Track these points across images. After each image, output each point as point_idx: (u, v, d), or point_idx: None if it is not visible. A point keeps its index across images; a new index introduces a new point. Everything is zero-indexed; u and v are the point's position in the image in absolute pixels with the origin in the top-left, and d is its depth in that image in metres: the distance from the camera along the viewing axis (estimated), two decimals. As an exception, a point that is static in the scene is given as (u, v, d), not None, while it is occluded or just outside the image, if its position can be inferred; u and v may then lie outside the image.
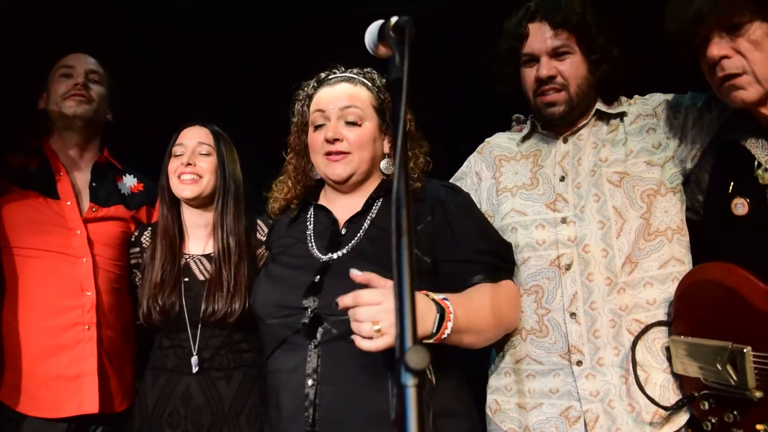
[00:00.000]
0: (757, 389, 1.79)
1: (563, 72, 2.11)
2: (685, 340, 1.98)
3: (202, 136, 2.54)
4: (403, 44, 1.24)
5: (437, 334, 1.73)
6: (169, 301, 2.39)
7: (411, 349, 0.92)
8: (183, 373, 2.39)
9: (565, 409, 2.08)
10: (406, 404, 0.91)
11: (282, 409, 1.94)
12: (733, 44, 1.80)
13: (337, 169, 2.04)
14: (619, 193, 2.10)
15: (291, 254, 2.11)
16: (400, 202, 1.05)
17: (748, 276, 1.86)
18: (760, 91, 1.81)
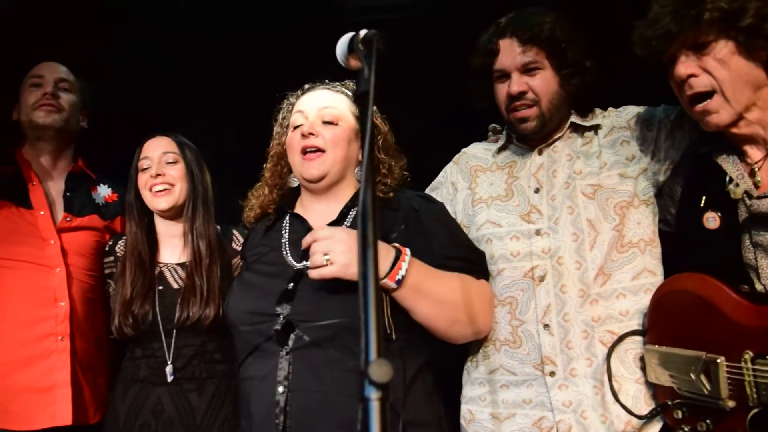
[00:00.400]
0: (729, 399, 1.81)
1: (534, 88, 2.13)
2: (659, 349, 1.99)
3: (166, 145, 2.53)
4: (371, 57, 1.24)
5: (390, 272, 1.80)
6: (142, 311, 2.38)
7: (374, 362, 0.92)
8: (155, 384, 2.37)
9: (538, 419, 2.09)
10: (369, 417, 0.91)
11: (253, 416, 1.93)
12: (700, 63, 1.83)
13: (312, 169, 2.05)
14: (592, 205, 2.11)
15: (265, 262, 2.12)
16: (366, 214, 1.05)
17: (722, 287, 1.88)
18: (731, 113, 1.83)
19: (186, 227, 2.51)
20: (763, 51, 1.78)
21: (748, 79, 1.80)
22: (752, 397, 1.75)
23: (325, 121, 2.08)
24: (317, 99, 2.13)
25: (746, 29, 1.75)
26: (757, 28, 1.75)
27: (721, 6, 1.75)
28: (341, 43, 1.46)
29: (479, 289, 2.06)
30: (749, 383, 1.75)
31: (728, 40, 1.79)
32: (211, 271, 2.45)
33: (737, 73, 1.80)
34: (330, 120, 2.08)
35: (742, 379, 1.77)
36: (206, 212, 2.53)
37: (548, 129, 2.19)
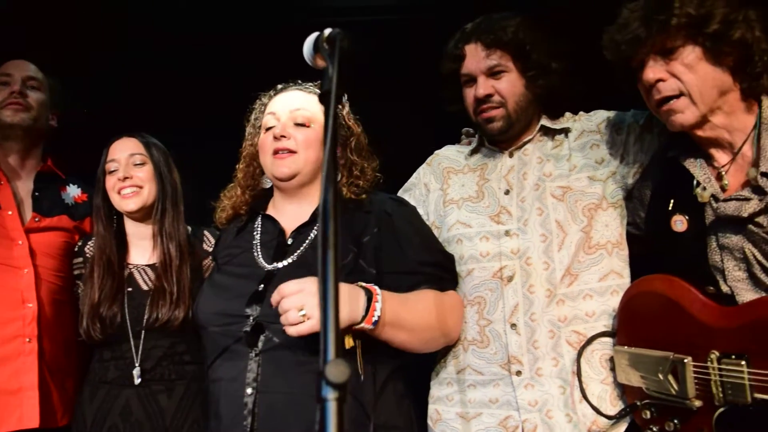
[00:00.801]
0: (696, 398, 1.84)
1: (500, 90, 2.15)
2: (628, 350, 2.01)
3: (133, 146, 2.51)
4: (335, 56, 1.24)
5: (366, 316, 1.78)
6: (110, 313, 2.36)
7: (331, 362, 0.91)
8: (123, 386, 2.35)
9: (504, 418, 2.10)
10: (326, 418, 0.90)
11: (221, 418, 1.92)
12: (667, 67, 1.85)
13: (282, 167, 2.04)
14: (561, 207, 2.13)
15: (236, 263, 2.11)
16: (327, 215, 1.05)
17: (689, 288, 1.91)
18: (696, 114, 1.85)
19: (155, 228, 2.50)
20: (729, 57, 1.81)
21: (714, 83, 1.83)
22: (718, 396, 1.78)
23: (297, 123, 2.07)
24: (289, 100, 2.13)
25: (713, 35, 1.78)
26: (723, 34, 1.78)
27: (688, 12, 1.77)
28: (307, 43, 1.46)
29: (450, 304, 2.08)
30: (715, 383, 1.78)
31: (695, 45, 1.81)
32: (181, 272, 2.43)
33: (704, 77, 1.82)
34: (302, 122, 2.07)
35: (709, 379, 1.79)
36: (175, 212, 2.52)
37: (515, 130, 2.21)
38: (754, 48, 1.79)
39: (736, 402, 1.74)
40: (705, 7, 1.78)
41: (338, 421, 0.89)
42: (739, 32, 1.77)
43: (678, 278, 1.94)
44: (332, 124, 1.11)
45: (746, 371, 1.71)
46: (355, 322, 1.79)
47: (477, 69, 2.16)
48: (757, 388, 1.69)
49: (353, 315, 1.78)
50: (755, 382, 1.69)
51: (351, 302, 1.78)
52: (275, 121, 2.09)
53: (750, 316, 1.75)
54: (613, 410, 2.06)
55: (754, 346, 1.72)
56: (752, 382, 1.70)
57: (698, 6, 1.77)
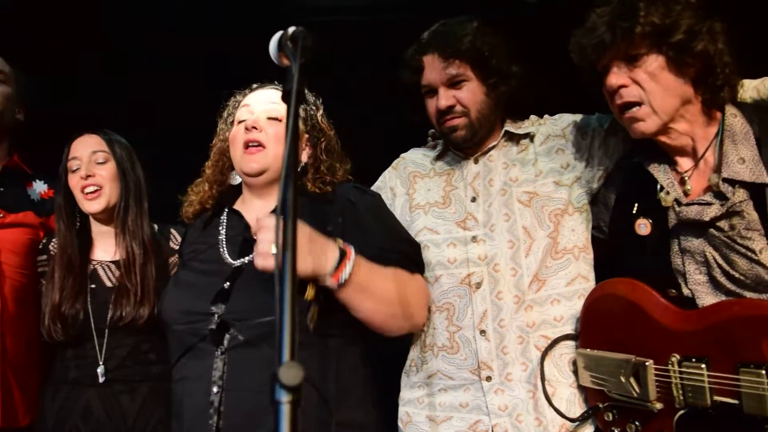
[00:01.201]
0: (657, 401, 1.86)
1: (462, 100, 2.15)
2: (591, 353, 2.02)
3: (95, 144, 2.47)
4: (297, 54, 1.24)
5: (334, 273, 1.76)
6: (73, 311, 2.32)
7: (285, 364, 0.90)
8: (85, 386, 2.31)
9: (474, 422, 2.11)
10: (279, 421, 0.89)
11: (185, 418, 1.90)
12: (631, 74, 1.87)
13: (251, 163, 2.03)
14: (528, 212, 2.14)
15: (202, 260, 2.09)
16: (287, 215, 1.04)
17: (650, 291, 1.93)
18: (657, 122, 1.88)
19: (118, 226, 2.47)
20: (691, 67, 1.83)
21: (676, 93, 1.85)
22: (678, 398, 1.80)
23: (270, 117, 2.07)
24: (265, 96, 2.13)
25: (676, 45, 1.80)
26: (686, 45, 1.80)
27: (653, 21, 1.79)
28: (273, 42, 1.46)
29: (414, 284, 2.05)
30: (676, 385, 1.80)
31: (659, 54, 1.83)
32: (145, 270, 2.41)
33: (665, 86, 1.84)
34: (275, 116, 2.07)
35: (670, 382, 1.82)
36: (139, 210, 2.49)
37: (479, 137, 2.21)
38: (716, 60, 1.81)
39: (696, 404, 1.76)
40: (671, 16, 1.79)
41: (292, 424, 0.88)
42: (702, 44, 1.79)
43: (640, 282, 1.96)
44: (292, 123, 1.11)
45: (706, 374, 1.73)
46: (322, 275, 1.77)
47: (437, 80, 2.15)
48: (717, 390, 1.72)
49: (321, 268, 1.76)
50: (715, 384, 1.72)
51: (322, 255, 1.76)
52: (248, 113, 2.09)
53: (710, 320, 1.77)
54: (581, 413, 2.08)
55: (713, 349, 1.74)
56: (712, 384, 1.72)
57: (664, 15, 1.79)
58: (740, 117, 1.88)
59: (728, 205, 1.80)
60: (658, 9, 1.79)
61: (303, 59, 1.27)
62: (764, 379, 1.62)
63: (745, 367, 1.66)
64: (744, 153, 1.82)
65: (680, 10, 1.80)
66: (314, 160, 2.13)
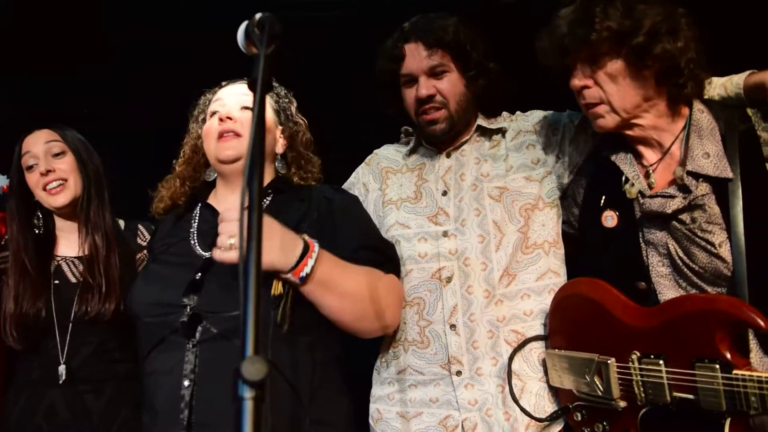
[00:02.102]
0: (621, 399, 1.86)
1: (442, 90, 2.15)
2: (559, 353, 2.03)
3: (47, 136, 2.41)
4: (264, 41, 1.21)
5: (295, 269, 1.75)
6: (34, 309, 2.25)
7: (247, 359, 0.87)
8: (48, 386, 2.25)
9: (444, 418, 2.10)
10: (242, 418, 0.86)
11: (157, 412, 1.85)
12: (593, 75, 1.89)
13: (227, 150, 2.00)
14: (498, 207, 2.14)
15: (173, 253, 2.05)
16: (252, 206, 1.01)
17: (611, 290, 1.94)
18: (616, 119, 1.91)
19: (81, 219, 2.41)
20: (652, 68, 1.84)
21: (636, 93, 1.87)
22: (640, 396, 1.80)
23: (243, 107, 2.05)
24: (235, 89, 2.12)
25: (634, 48, 1.80)
26: (645, 48, 1.80)
27: (609, 26, 1.79)
28: (240, 30, 1.43)
29: (388, 284, 2.03)
30: (637, 383, 1.81)
31: (618, 56, 1.84)
32: (109, 262, 2.35)
33: (625, 87, 1.86)
34: (247, 106, 2.05)
35: (631, 380, 1.82)
36: (100, 201, 2.43)
37: (456, 130, 2.21)
38: (678, 59, 1.81)
39: (657, 402, 1.77)
40: (632, 18, 1.79)
41: (255, 421, 0.85)
42: (661, 46, 1.79)
43: (601, 280, 1.97)
44: (258, 110, 1.08)
45: (664, 371, 1.74)
46: (283, 271, 1.75)
47: (418, 69, 2.15)
48: (676, 387, 1.72)
49: (282, 263, 1.74)
50: (673, 381, 1.73)
51: (286, 249, 1.75)
52: (221, 107, 2.07)
53: (666, 316, 1.78)
54: (551, 407, 2.09)
55: (670, 345, 1.75)
56: (670, 381, 1.73)
57: (621, 19, 1.79)
58: (707, 113, 1.90)
59: (691, 198, 1.83)
60: (616, 12, 1.79)
61: (270, 46, 1.24)
62: (718, 373, 1.63)
63: (700, 362, 1.67)
64: (709, 148, 1.85)
65: (644, 9, 1.79)
66: (295, 152, 2.13)
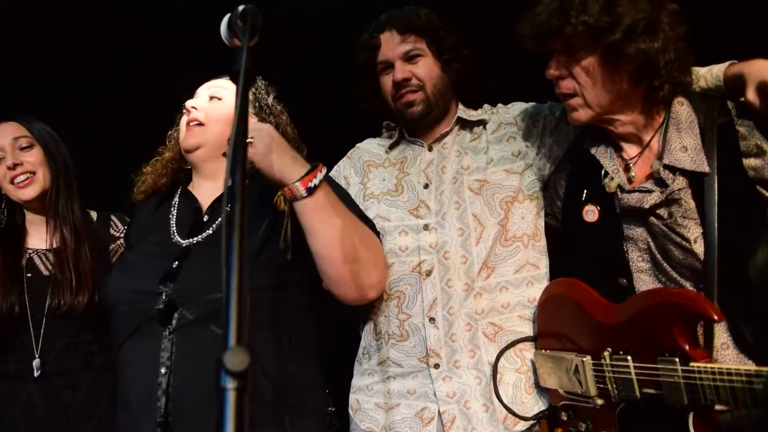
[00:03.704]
0: (598, 397, 1.88)
1: (417, 74, 2.19)
2: (545, 353, 2.04)
3: (15, 130, 2.39)
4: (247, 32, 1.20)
5: (306, 177, 1.74)
6: (6, 304, 2.23)
7: (230, 350, 0.87)
8: (24, 380, 2.23)
9: (420, 410, 2.11)
10: (224, 409, 0.86)
11: (132, 401, 1.83)
12: (568, 65, 1.87)
13: (189, 138, 2.02)
14: (478, 200, 2.15)
15: (150, 241, 2.04)
16: (235, 196, 1.00)
17: (587, 289, 1.96)
18: (590, 113, 1.90)
19: (50, 212, 2.39)
20: (628, 66, 1.80)
21: (610, 88, 1.85)
22: (614, 393, 1.81)
23: (211, 97, 2.06)
24: (211, 83, 2.12)
25: (609, 46, 1.77)
26: (620, 47, 1.76)
27: (584, 20, 1.75)
28: (223, 22, 1.42)
29: (375, 238, 2.03)
30: (610, 379, 1.82)
31: (593, 52, 1.81)
32: (79, 255, 2.34)
33: (599, 82, 1.84)
34: (216, 95, 2.06)
35: (605, 377, 1.83)
36: (69, 193, 2.42)
37: (435, 114, 2.23)
38: (655, 60, 1.77)
39: (629, 398, 1.77)
40: (610, 15, 1.74)
41: (237, 412, 0.85)
42: (635, 46, 1.75)
43: (578, 281, 1.98)
44: (240, 101, 1.07)
45: (632, 366, 1.75)
46: (290, 179, 1.74)
47: (393, 55, 2.20)
48: (644, 382, 1.73)
49: (293, 170, 1.74)
50: (642, 376, 1.73)
51: (297, 160, 1.76)
52: (193, 99, 2.09)
53: (632, 311, 1.79)
54: (528, 398, 2.10)
55: (637, 340, 1.76)
56: (639, 376, 1.74)
57: (599, 14, 1.74)
58: (687, 105, 1.88)
59: (667, 192, 1.82)
60: (595, 6, 1.75)
61: (253, 38, 1.24)
62: (678, 366, 1.64)
63: (662, 356, 1.68)
64: (687, 141, 1.83)
65: (626, 6, 1.74)
66: None
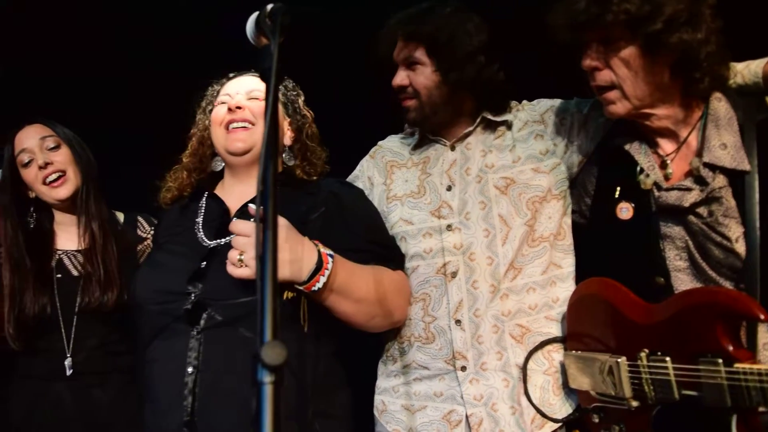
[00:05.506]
0: (633, 399, 1.84)
1: (413, 82, 2.18)
2: (576, 354, 2.01)
3: (41, 131, 2.42)
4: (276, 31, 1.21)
5: (308, 283, 1.76)
6: (37, 306, 2.25)
7: (267, 344, 0.87)
8: (53, 380, 2.25)
9: (448, 412, 2.10)
10: (261, 402, 0.86)
11: (159, 399, 1.85)
12: (605, 57, 1.83)
13: (237, 142, 2.00)
14: (504, 200, 2.12)
15: (178, 242, 2.06)
16: (267, 193, 1.00)
17: (621, 288, 1.92)
18: (627, 106, 1.86)
19: (81, 211, 2.42)
20: (668, 57, 1.77)
21: (649, 80, 1.81)
22: (650, 395, 1.78)
23: (251, 97, 2.05)
24: (244, 83, 2.11)
25: (650, 36, 1.74)
26: (661, 37, 1.73)
27: (627, 8, 1.72)
28: (250, 21, 1.43)
29: (396, 283, 2.05)
30: (646, 381, 1.78)
31: (633, 41, 1.78)
32: (106, 252, 2.37)
33: (638, 73, 1.80)
34: (255, 96, 2.06)
35: (641, 378, 1.79)
36: (96, 191, 2.45)
37: (433, 122, 2.21)
38: (696, 52, 1.74)
39: (666, 400, 1.74)
40: (651, 3, 1.71)
41: (274, 405, 0.85)
42: (678, 36, 1.72)
43: (610, 280, 1.95)
44: (272, 98, 1.07)
45: (671, 367, 1.71)
46: (297, 282, 1.76)
47: (396, 59, 2.21)
48: (683, 384, 1.69)
49: (295, 277, 1.75)
50: (681, 377, 1.70)
51: (300, 263, 1.76)
52: (229, 96, 2.07)
53: (670, 311, 1.76)
54: (556, 400, 2.08)
55: (676, 341, 1.73)
56: (678, 378, 1.70)
57: (641, 3, 1.71)
58: (725, 102, 1.85)
59: (708, 190, 1.79)
60: None
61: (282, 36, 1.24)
62: (721, 368, 1.60)
63: (703, 357, 1.64)
64: (726, 139, 1.80)
65: None
66: (300, 145, 2.13)
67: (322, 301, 1.83)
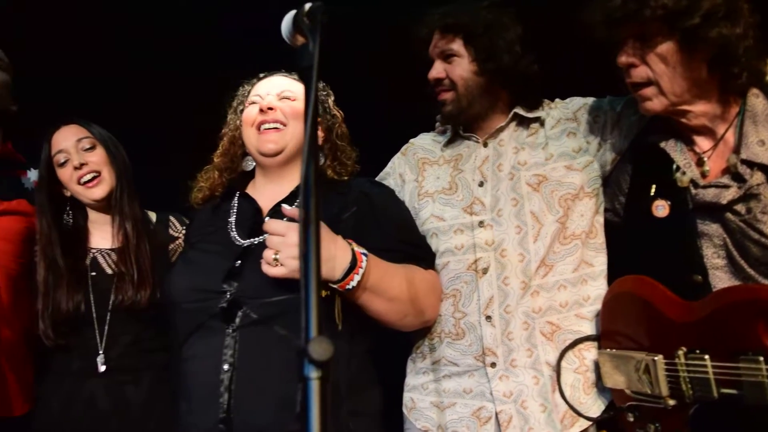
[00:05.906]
0: (670, 397, 1.82)
1: (450, 75, 2.19)
2: (611, 352, 2.00)
3: (77, 132, 2.45)
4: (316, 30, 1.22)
5: (342, 281, 1.78)
6: (71, 303, 2.29)
7: (314, 339, 0.88)
8: (88, 377, 2.28)
9: (477, 409, 2.10)
10: (308, 397, 0.87)
11: (194, 397, 1.88)
12: (642, 53, 1.82)
13: (269, 143, 2.02)
14: (536, 197, 2.12)
15: (211, 241, 2.08)
16: (309, 190, 1.01)
17: (657, 285, 1.90)
18: (665, 103, 1.84)
19: (116, 210, 2.45)
20: (706, 52, 1.76)
21: (686, 76, 1.80)
22: (688, 393, 1.76)
23: (283, 97, 2.07)
24: (275, 83, 2.12)
25: (688, 31, 1.73)
26: (700, 32, 1.72)
27: (664, 3, 1.72)
28: (286, 20, 1.43)
29: (427, 281, 2.06)
30: (684, 379, 1.77)
31: (671, 36, 1.77)
32: (140, 251, 2.40)
33: (675, 69, 1.79)
34: (288, 96, 2.07)
35: (678, 376, 1.78)
36: (130, 190, 2.48)
37: (469, 114, 2.21)
38: (733, 46, 1.73)
39: (705, 398, 1.72)
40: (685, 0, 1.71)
41: (321, 401, 0.86)
42: (717, 30, 1.70)
43: (647, 277, 1.93)
44: (313, 97, 1.08)
45: (710, 365, 1.70)
46: (331, 281, 1.78)
47: (433, 52, 2.23)
48: (723, 382, 1.68)
49: (329, 275, 1.77)
50: (720, 376, 1.68)
51: (334, 262, 1.77)
52: (260, 97, 2.09)
53: (709, 309, 1.74)
54: (586, 398, 2.07)
55: (715, 338, 1.71)
56: (717, 376, 1.68)
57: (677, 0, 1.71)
58: (762, 97, 1.83)
59: (746, 187, 1.77)
60: None
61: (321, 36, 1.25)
62: (762, 365, 1.58)
63: (744, 355, 1.63)
64: (764, 135, 1.78)
65: None
66: (331, 144, 2.14)
67: (356, 299, 1.85)
